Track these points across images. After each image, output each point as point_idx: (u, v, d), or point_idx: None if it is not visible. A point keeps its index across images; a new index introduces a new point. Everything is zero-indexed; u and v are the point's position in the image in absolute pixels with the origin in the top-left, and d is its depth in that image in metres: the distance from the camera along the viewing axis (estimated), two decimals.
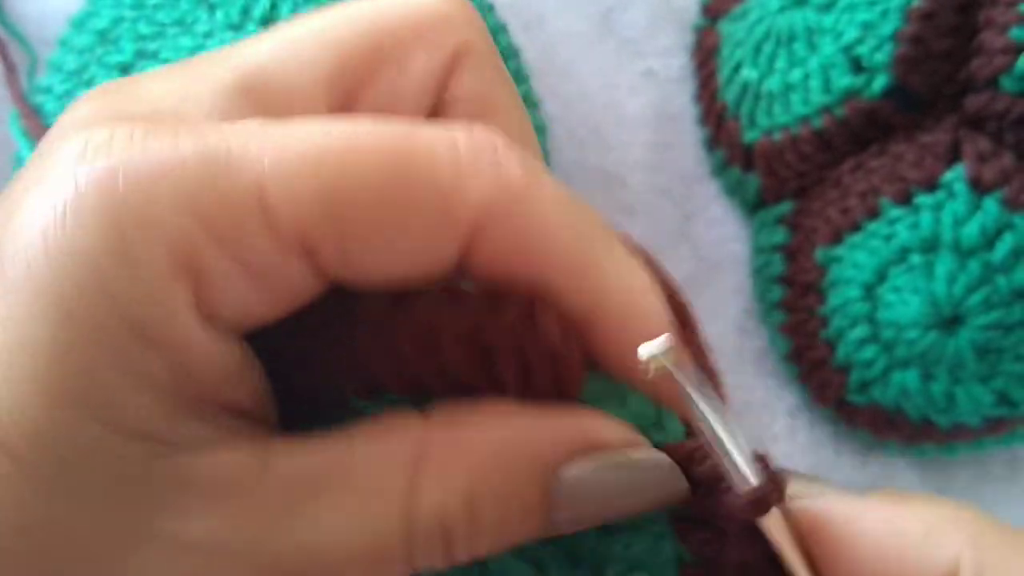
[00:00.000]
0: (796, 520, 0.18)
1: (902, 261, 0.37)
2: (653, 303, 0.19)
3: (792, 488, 0.18)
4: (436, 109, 0.20)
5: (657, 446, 0.19)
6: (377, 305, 0.18)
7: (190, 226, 0.16)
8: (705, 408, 0.17)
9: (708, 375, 0.20)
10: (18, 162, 0.40)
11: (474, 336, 0.18)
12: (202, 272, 0.16)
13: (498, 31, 0.43)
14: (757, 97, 0.42)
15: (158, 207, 0.16)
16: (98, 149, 0.16)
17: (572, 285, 0.18)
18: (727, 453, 0.17)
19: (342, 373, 0.19)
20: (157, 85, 0.18)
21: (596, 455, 0.18)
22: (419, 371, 0.18)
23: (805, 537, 0.18)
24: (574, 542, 0.20)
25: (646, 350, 0.17)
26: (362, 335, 0.18)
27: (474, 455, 0.17)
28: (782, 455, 0.43)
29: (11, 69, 0.41)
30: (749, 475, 0.17)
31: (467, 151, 0.17)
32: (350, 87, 0.19)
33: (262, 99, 0.18)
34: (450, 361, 0.18)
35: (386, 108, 0.19)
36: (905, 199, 0.38)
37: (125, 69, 0.39)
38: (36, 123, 0.39)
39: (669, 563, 0.20)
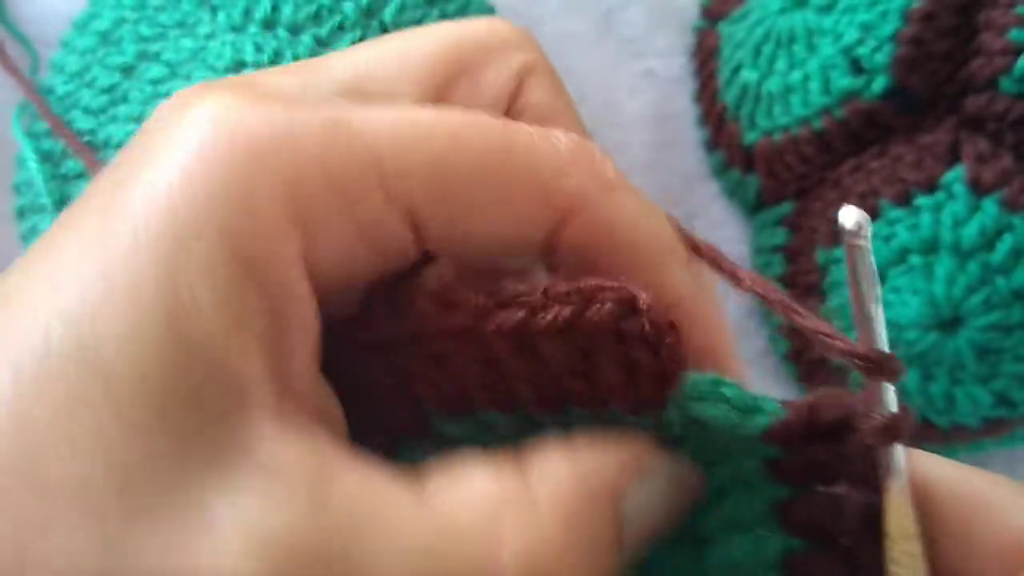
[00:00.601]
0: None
1: (902, 262, 0.37)
2: (716, 312, 0.20)
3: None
4: (507, 117, 0.21)
5: (762, 428, 0.18)
6: (460, 316, 0.18)
7: (310, 179, 0.17)
8: (873, 283, 0.18)
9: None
10: (20, 162, 0.40)
11: (571, 328, 0.17)
12: (314, 222, 0.17)
13: None
14: (757, 98, 0.42)
15: (282, 159, 0.17)
16: (228, 109, 0.17)
17: (640, 279, 0.19)
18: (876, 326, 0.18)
19: (425, 390, 0.19)
20: (274, 78, 0.19)
21: (648, 473, 0.18)
22: (512, 376, 0.18)
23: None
24: (675, 553, 0.20)
25: (848, 215, 0.17)
26: (448, 346, 0.18)
27: (552, 499, 0.17)
28: None
29: (12, 69, 0.41)
30: (891, 397, 0.18)
31: (568, 145, 0.19)
32: (435, 96, 0.20)
33: (366, 98, 0.19)
34: (547, 358, 0.18)
35: None
36: (905, 200, 0.38)
37: (127, 70, 0.39)
38: (52, 117, 0.39)
39: (773, 560, 0.19)
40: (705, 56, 0.46)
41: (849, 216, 0.17)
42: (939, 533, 0.18)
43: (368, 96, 0.19)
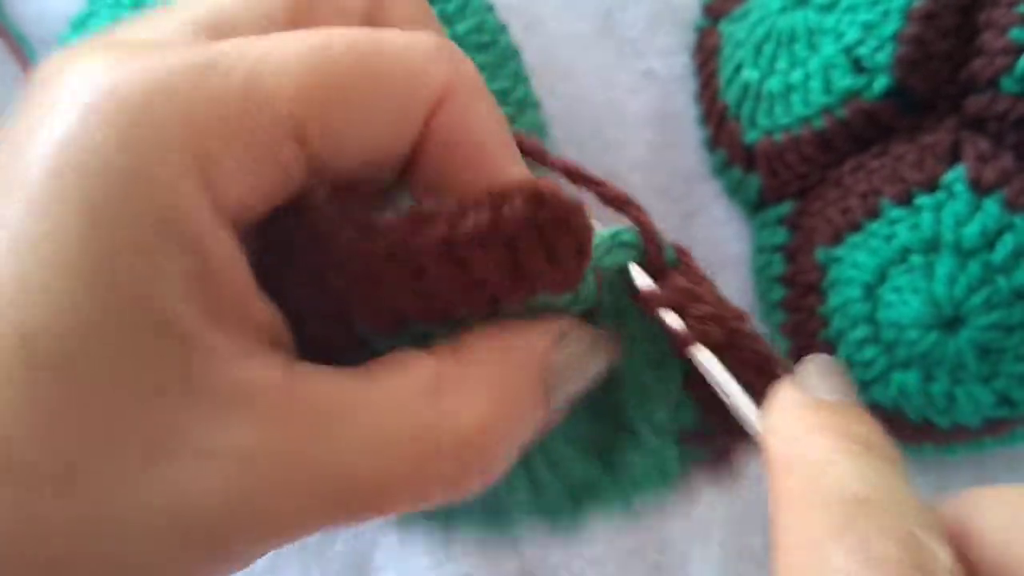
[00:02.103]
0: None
1: (903, 261, 0.37)
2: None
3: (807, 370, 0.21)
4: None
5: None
6: (385, 238, 0.19)
7: (199, 118, 0.17)
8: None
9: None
10: None
11: (492, 230, 0.18)
12: (213, 159, 0.17)
13: (499, 31, 0.42)
14: (758, 97, 0.42)
15: (168, 106, 0.17)
16: (104, 69, 0.17)
17: (484, 179, 0.20)
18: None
19: (357, 312, 0.19)
20: (136, 29, 0.20)
21: (566, 339, 0.21)
22: (443, 289, 0.19)
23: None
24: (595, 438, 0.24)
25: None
26: (376, 267, 0.19)
27: (484, 376, 0.19)
28: None
29: (24, 62, 0.41)
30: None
31: (431, 44, 0.19)
32: (294, 19, 0.21)
33: (225, 34, 0.19)
34: (474, 264, 0.19)
35: None
36: (906, 200, 0.37)
37: None
38: None
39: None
40: (706, 55, 0.45)
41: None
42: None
43: (226, 30, 0.19)
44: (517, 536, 0.25)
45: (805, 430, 0.19)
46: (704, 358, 0.22)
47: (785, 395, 0.20)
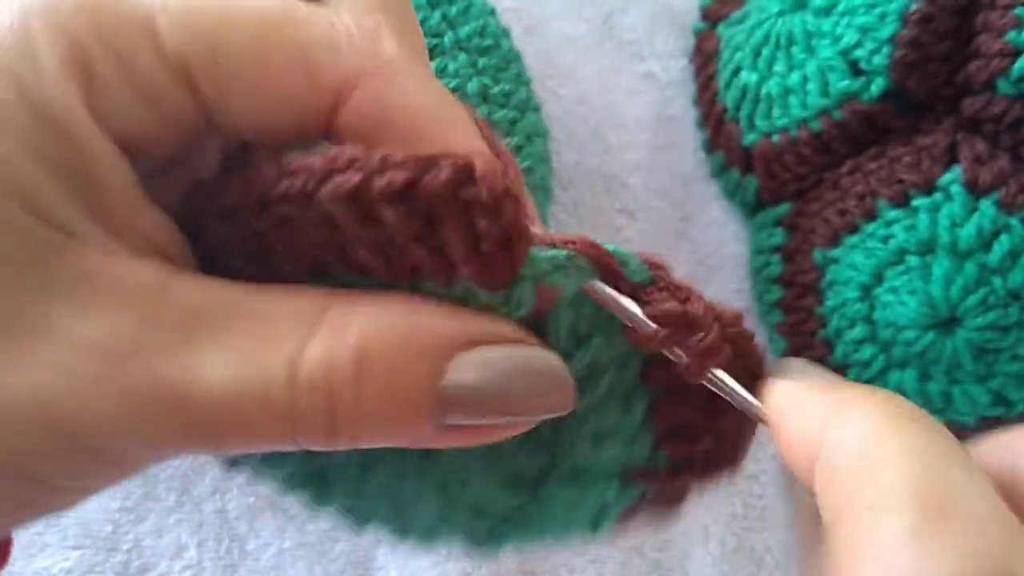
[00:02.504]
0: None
1: (899, 263, 0.37)
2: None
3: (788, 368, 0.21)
4: None
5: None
6: (298, 180, 0.18)
7: (87, 35, 0.17)
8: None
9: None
10: None
11: (408, 194, 0.17)
12: (94, 76, 0.17)
13: (500, 36, 0.43)
14: (756, 100, 0.42)
15: (61, 14, 0.17)
16: None
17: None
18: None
19: (281, 252, 0.19)
20: None
21: (485, 348, 0.18)
22: (354, 242, 0.18)
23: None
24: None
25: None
26: (291, 210, 0.18)
27: (368, 324, 0.18)
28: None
29: None
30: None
31: (345, 25, 0.19)
32: None
33: None
34: (386, 224, 0.17)
35: None
36: (903, 201, 0.37)
37: None
38: None
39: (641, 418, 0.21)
40: (704, 59, 0.46)
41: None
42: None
43: None
44: (426, 543, 0.23)
45: (832, 412, 0.18)
46: (722, 379, 0.20)
47: (788, 383, 0.20)
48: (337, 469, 0.21)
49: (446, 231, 0.17)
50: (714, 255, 0.45)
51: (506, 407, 0.18)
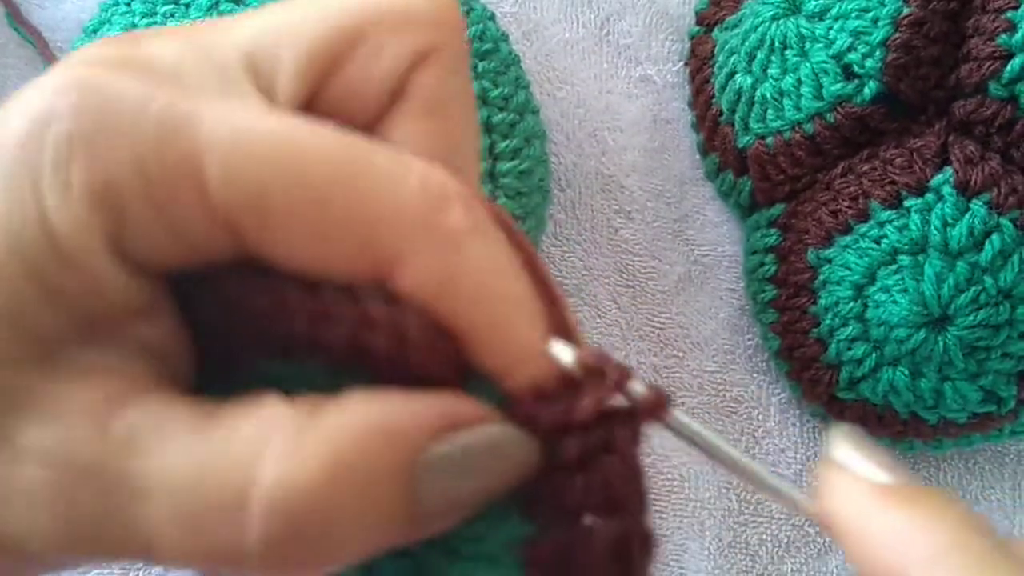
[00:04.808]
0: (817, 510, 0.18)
1: (891, 262, 0.37)
2: (545, 365, 0.19)
3: (839, 446, 0.19)
4: (396, 95, 0.20)
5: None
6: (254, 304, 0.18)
7: (126, 173, 0.16)
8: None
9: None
10: None
11: (351, 347, 0.17)
12: (124, 213, 0.16)
13: (499, 40, 0.42)
14: (751, 103, 0.41)
15: (104, 147, 0.16)
16: (77, 80, 0.17)
17: (483, 334, 0.18)
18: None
19: (249, 332, 0.18)
20: (161, 42, 0.19)
21: (458, 433, 0.17)
22: (298, 315, 0.17)
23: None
24: (421, 566, 0.19)
25: (560, 351, 0.18)
26: (269, 294, 0.18)
27: (333, 434, 0.16)
28: (774, 449, 0.42)
29: (51, 58, 0.41)
30: (642, 386, 0.18)
31: (411, 190, 0.17)
32: (327, 66, 0.19)
33: (251, 68, 0.19)
34: (333, 350, 0.17)
35: (355, 88, 0.20)
36: (895, 202, 0.37)
37: None
38: None
39: (511, 543, 0.18)
40: (700, 62, 0.45)
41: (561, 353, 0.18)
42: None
43: (256, 68, 0.18)
44: None
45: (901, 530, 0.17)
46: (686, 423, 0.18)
47: (844, 481, 0.18)
48: None
49: (381, 372, 0.18)
50: (709, 255, 0.44)
51: (477, 487, 0.17)
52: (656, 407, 0.18)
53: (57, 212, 0.16)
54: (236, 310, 0.18)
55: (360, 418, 0.16)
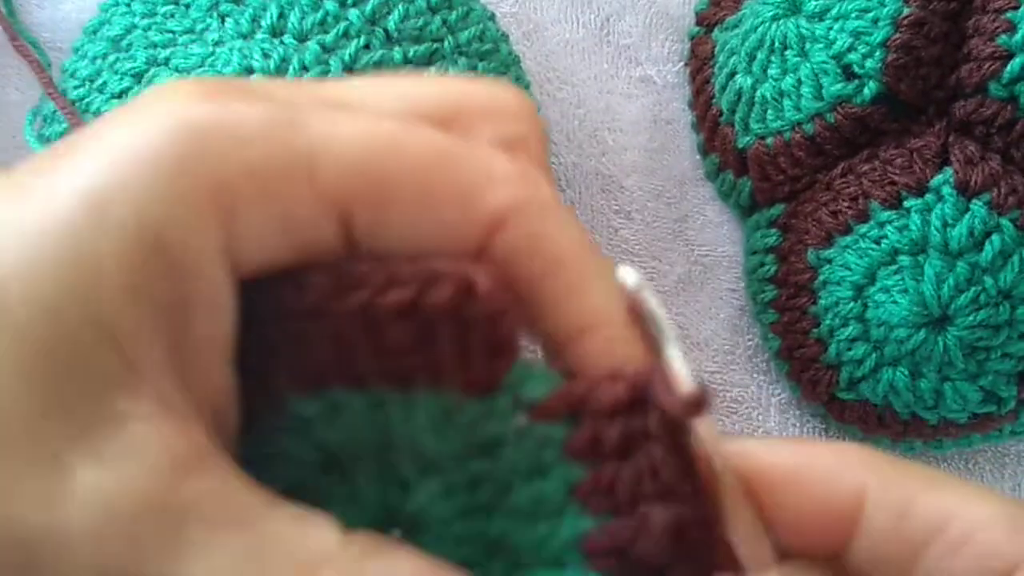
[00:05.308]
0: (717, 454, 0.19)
1: (892, 262, 0.37)
2: (622, 330, 0.20)
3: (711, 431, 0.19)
4: None
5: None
6: (317, 291, 0.18)
7: (236, 174, 0.17)
8: (663, 321, 0.19)
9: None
10: None
11: (412, 310, 0.18)
12: (237, 213, 0.17)
13: (499, 40, 0.42)
14: (751, 103, 0.41)
15: (212, 150, 0.17)
16: (179, 95, 0.17)
17: (565, 295, 0.19)
18: (673, 361, 0.18)
19: (279, 370, 0.18)
20: (264, 84, 0.20)
21: None
22: (357, 353, 0.18)
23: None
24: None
25: (629, 276, 0.19)
26: (297, 326, 0.18)
27: None
28: None
29: (36, 65, 0.41)
30: (689, 378, 0.18)
31: (503, 162, 0.19)
32: None
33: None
34: (388, 339, 0.18)
35: None
36: (895, 202, 0.37)
37: (137, 76, 0.38)
38: (73, 114, 0.38)
39: (570, 541, 0.18)
40: (700, 63, 0.45)
41: (628, 276, 0.19)
42: (771, 511, 0.18)
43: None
44: None
45: None
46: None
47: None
48: None
49: (439, 340, 0.18)
50: (709, 255, 0.44)
51: None
52: (696, 405, 0.18)
53: (167, 221, 0.16)
54: (275, 331, 0.18)
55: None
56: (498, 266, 0.18)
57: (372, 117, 0.18)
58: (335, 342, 0.18)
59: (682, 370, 0.18)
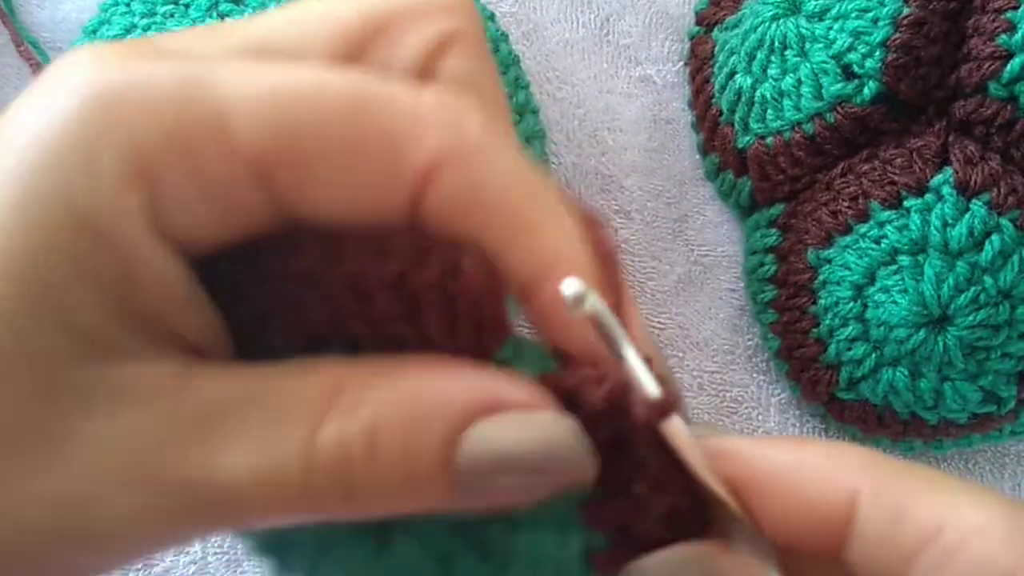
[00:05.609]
0: (706, 451, 0.18)
1: (891, 262, 0.36)
2: (585, 263, 0.19)
3: (699, 430, 0.19)
4: (425, 80, 0.20)
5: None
6: (311, 257, 0.18)
7: (151, 137, 0.16)
8: (616, 330, 0.18)
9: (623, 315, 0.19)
10: None
11: (400, 284, 0.17)
12: (157, 182, 0.16)
13: (499, 40, 0.42)
14: (751, 103, 0.41)
15: (124, 116, 0.16)
16: (86, 65, 0.17)
17: (514, 241, 0.18)
18: (633, 367, 0.18)
19: (280, 326, 0.18)
20: (175, 38, 0.19)
21: (498, 419, 0.17)
22: (350, 318, 0.18)
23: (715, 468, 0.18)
24: (482, 535, 0.19)
25: (570, 287, 0.17)
26: (295, 285, 0.18)
27: (382, 396, 0.17)
28: None
29: (40, 68, 0.41)
30: (652, 383, 0.18)
31: (429, 104, 0.17)
32: (351, 55, 0.19)
33: (266, 56, 0.19)
34: (378, 308, 0.18)
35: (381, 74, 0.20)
36: (895, 202, 0.37)
37: None
38: None
39: (576, 555, 0.19)
40: (699, 62, 0.45)
41: (569, 287, 0.17)
42: (760, 511, 0.18)
43: (271, 57, 0.18)
44: None
45: None
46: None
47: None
48: (297, 544, 0.20)
49: (428, 315, 0.18)
50: (709, 255, 0.44)
51: (521, 479, 0.17)
52: (663, 409, 0.18)
53: (90, 194, 0.16)
54: (271, 292, 0.18)
55: (411, 383, 0.17)
56: (441, 216, 0.18)
57: (288, 66, 0.17)
58: (328, 303, 0.18)
59: (643, 374, 0.18)
